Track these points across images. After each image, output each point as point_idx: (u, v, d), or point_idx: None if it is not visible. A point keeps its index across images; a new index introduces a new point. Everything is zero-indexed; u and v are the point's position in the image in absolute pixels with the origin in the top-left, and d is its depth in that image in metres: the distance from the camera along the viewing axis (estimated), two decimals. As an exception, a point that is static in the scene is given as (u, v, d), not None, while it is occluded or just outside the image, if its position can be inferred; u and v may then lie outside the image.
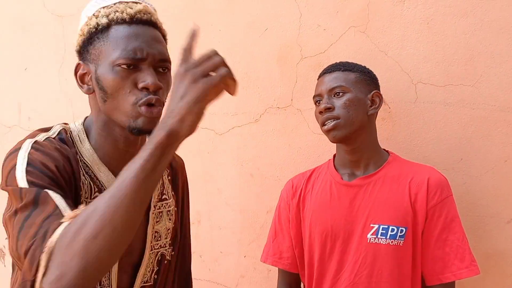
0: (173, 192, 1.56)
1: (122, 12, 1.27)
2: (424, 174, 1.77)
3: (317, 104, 1.87)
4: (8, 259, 2.64)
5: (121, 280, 1.39)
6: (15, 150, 1.22)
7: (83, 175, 1.30)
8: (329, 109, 1.79)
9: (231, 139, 2.32)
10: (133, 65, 1.25)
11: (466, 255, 1.73)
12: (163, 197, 1.51)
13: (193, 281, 1.76)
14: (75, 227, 1.01)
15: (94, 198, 1.29)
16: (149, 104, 1.24)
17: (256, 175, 2.29)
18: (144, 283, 1.44)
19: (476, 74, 1.98)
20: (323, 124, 1.82)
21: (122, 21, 1.27)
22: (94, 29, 1.28)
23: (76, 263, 0.99)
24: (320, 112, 1.82)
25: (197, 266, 2.35)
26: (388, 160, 1.85)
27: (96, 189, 1.32)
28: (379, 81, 1.92)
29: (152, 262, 1.46)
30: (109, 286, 1.36)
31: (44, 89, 2.60)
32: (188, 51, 1.09)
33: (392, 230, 1.73)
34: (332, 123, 1.79)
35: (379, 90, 1.89)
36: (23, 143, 1.23)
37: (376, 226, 1.75)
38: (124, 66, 1.24)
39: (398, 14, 2.07)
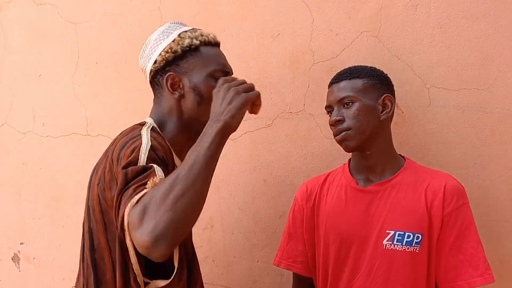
0: None
1: (208, 36, 1.68)
2: (441, 181, 1.76)
3: (329, 114, 1.87)
4: (23, 264, 2.66)
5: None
6: (137, 136, 1.50)
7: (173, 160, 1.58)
8: (339, 121, 1.79)
9: (243, 144, 2.32)
10: (223, 76, 1.62)
11: (481, 263, 1.71)
12: None
13: (206, 285, 1.79)
14: (164, 188, 1.27)
15: None
16: None
17: (268, 180, 2.29)
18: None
19: (490, 78, 1.97)
20: (335, 135, 1.81)
21: (209, 43, 1.68)
22: (187, 48, 1.64)
23: (167, 216, 1.24)
24: (332, 125, 1.82)
25: (210, 271, 2.35)
26: (404, 166, 1.83)
27: None
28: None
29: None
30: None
31: (58, 95, 2.61)
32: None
33: (408, 236, 1.72)
34: (343, 134, 1.78)
35: (392, 93, 1.86)
36: (142, 131, 1.52)
37: (392, 232, 1.74)
38: (219, 76, 1.62)
39: (411, 18, 2.06)
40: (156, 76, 1.68)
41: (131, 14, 2.48)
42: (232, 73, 1.70)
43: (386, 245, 1.74)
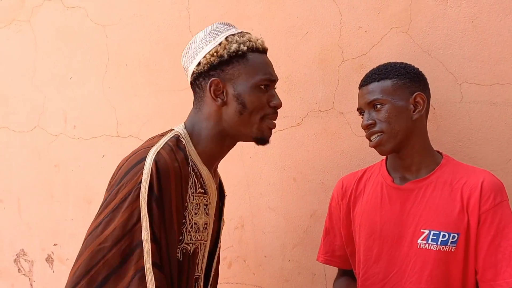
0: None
1: (255, 42, 1.62)
2: (478, 177, 1.72)
3: (361, 116, 1.85)
4: (57, 265, 2.69)
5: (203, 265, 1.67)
6: (141, 162, 1.46)
7: (191, 172, 1.55)
8: (371, 125, 1.77)
9: (273, 143, 2.28)
10: (269, 86, 1.61)
11: None
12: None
13: (237, 285, 1.83)
14: None
15: (198, 194, 1.57)
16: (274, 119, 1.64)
17: (298, 179, 2.28)
18: (213, 271, 1.76)
19: (524, 72, 1.93)
20: (368, 139, 1.80)
21: (256, 50, 1.62)
22: (234, 53, 1.57)
23: None
24: (363, 128, 1.81)
25: (241, 271, 2.35)
26: (441, 163, 1.80)
27: (199, 185, 1.58)
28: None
29: (218, 250, 1.78)
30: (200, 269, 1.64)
31: (89, 97, 2.64)
32: None
33: (444, 236, 1.70)
34: (377, 139, 1.77)
35: (424, 89, 1.81)
36: (150, 151, 1.48)
37: (427, 231, 1.72)
38: (263, 87, 1.59)
39: (441, 13, 2.03)
40: (199, 79, 1.62)
41: (159, 15, 2.49)
42: (277, 81, 1.68)
43: (420, 244, 1.72)
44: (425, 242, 1.71)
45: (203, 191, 1.59)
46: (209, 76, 1.59)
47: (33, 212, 2.75)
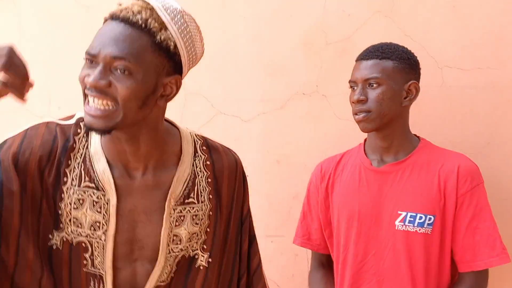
0: (210, 196, 1.50)
1: (110, 12, 1.28)
2: (455, 161, 1.76)
3: (352, 89, 1.84)
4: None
5: (137, 272, 1.44)
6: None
7: (74, 162, 1.36)
8: (361, 101, 1.77)
9: (257, 126, 2.33)
10: (91, 61, 1.26)
11: (497, 244, 1.73)
12: (189, 200, 1.47)
13: None
14: None
15: (83, 188, 1.36)
16: (88, 101, 1.28)
17: (282, 162, 2.30)
18: (160, 282, 1.45)
19: (504, 57, 1.96)
20: (355, 113, 1.80)
21: (105, 19, 1.30)
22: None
23: None
24: (353, 102, 1.81)
25: (225, 252, 2.38)
26: (419, 146, 1.83)
27: (88, 179, 1.36)
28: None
29: (170, 264, 1.46)
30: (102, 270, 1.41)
31: (73, 79, 2.62)
32: None
33: (420, 218, 1.73)
34: (362, 115, 1.77)
35: (418, 79, 1.83)
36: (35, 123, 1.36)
37: (404, 213, 1.75)
38: (86, 61, 1.27)
39: (424, -2, 2.05)
40: None
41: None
42: (98, 57, 1.27)
43: (398, 225, 1.75)
44: (402, 223, 1.75)
45: (92, 185, 1.37)
46: None
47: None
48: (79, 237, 1.39)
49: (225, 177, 1.55)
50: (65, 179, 1.36)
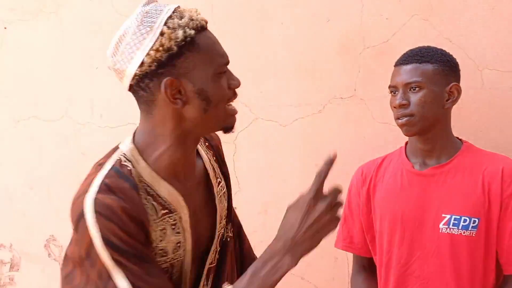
0: (220, 171, 1.57)
1: (197, 19, 1.29)
2: (499, 163, 1.75)
3: (392, 94, 1.83)
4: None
5: (192, 269, 1.44)
6: (81, 219, 1.24)
7: (145, 199, 1.30)
8: (404, 105, 1.77)
9: (295, 131, 2.35)
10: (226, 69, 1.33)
11: None
12: (218, 180, 1.53)
13: None
14: None
15: (162, 217, 1.32)
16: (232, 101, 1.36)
17: (320, 165, 2.31)
18: (210, 265, 1.48)
19: (545, 58, 1.93)
20: (397, 118, 1.80)
21: (202, 28, 1.30)
22: (182, 42, 1.25)
23: None
24: (395, 107, 1.80)
25: (265, 255, 2.39)
26: (462, 149, 1.82)
27: (160, 207, 1.32)
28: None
29: (216, 246, 1.50)
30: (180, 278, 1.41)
31: (114, 87, 2.68)
32: (321, 177, 1.30)
33: (465, 220, 1.72)
34: (405, 119, 1.76)
35: (459, 81, 1.82)
36: (85, 200, 1.24)
37: (448, 216, 1.74)
38: (224, 70, 1.32)
39: (462, 0, 2.04)
40: (143, 81, 1.28)
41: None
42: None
43: (442, 228, 1.75)
44: (447, 226, 1.74)
45: (166, 211, 1.34)
46: (158, 75, 1.26)
47: (62, 199, 2.80)
48: (165, 264, 1.35)
49: (221, 152, 1.62)
50: (148, 217, 1.30)
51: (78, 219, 1.24)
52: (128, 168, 1.29)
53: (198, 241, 1.43)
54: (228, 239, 1.56)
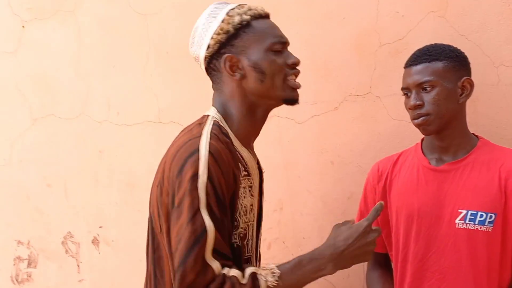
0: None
1: (256, 9, 1.60)
2: None
3: (406, 96, 1.84)
4: (102, 247, 2.79)
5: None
6: (195, 144, 1.46)
7: (238, 157, 1.56)
8: (418, 106, 1.77)
9: (311, 128, 2.36)
10: (282, 48, 1.59)
11: None
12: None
13: None
14: None
15: (243, 176, 1.57)
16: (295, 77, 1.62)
17: (336, 162, 2.32)
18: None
19: (562, 54, 1.93)
20: (413, 119, 1.80)
21: (259, 16, 1.60)
22: (239, 25, 1.56)
23: None
24: (410, 108, 1.80)
25: (281, 252, 2.41)
26: (478, 145, 1.82)
27: (243, 168, 1.58)
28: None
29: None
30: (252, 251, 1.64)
31: (131, 85, 2.72)
32: (378, 212, 1.51)
33: (481, 216, 1.72)
34: (422, 119, 1.77)
35: (470, 74, 1.83)
36: (202, 138, 1.47)
37: (465, 211, 1.74)
38: (278, 49, 1.58)
39: (478, -4, 2.04)
40: (212, 62, 1.61)
41: (199, 4, 2.54)
42: (289, 43, 1.65)
43: (458, 224, 1.75)
44: (463, 222, 1.74)
45: (246, 173, 1.59)
46: (220, 55, 1.58)
47: (79, 196, 2.85)
48: (245, 225, 1.57)
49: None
50: (240, 172, 1.55)
51: (190, 155, 1.44)
52: (225, 129, 1.56)
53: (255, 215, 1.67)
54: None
